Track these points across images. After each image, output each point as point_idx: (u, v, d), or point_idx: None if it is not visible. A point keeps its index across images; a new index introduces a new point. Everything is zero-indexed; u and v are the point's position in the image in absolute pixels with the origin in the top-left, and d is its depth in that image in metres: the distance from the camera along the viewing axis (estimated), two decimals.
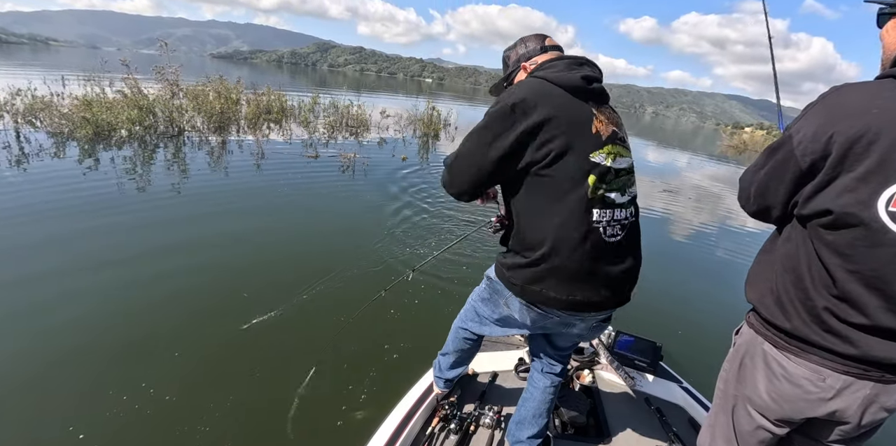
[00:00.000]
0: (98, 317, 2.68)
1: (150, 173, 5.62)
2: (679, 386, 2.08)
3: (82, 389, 2.14)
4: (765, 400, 1.03)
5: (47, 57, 39.48)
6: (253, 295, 3.05)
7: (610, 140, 1.14)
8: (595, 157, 1.11)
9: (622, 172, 1.17)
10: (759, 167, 1.03)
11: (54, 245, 3.45)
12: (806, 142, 0.89)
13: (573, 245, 1.11)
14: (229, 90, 10.52)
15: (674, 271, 4.69)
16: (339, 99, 12.84)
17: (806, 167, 0.90)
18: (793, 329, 0.96)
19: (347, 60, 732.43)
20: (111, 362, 2.33)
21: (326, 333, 2.73)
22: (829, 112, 0.88)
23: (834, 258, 0.88)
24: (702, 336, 3.39)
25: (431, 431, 1.65)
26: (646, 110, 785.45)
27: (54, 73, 12.69)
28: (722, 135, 38.48)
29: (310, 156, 7.53)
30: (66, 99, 7.93)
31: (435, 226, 4.85)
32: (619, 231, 1.17)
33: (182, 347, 2.47)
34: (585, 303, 1.18)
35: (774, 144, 1.00)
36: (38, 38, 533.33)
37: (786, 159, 0.94)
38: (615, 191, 1.14)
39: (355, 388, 2.33)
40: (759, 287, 1.06)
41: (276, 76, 39.41)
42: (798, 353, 0.96)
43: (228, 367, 2.38)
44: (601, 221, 1.12)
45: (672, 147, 22.89)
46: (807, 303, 0.93)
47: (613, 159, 1.14)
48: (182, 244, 3.71)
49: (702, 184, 10.94)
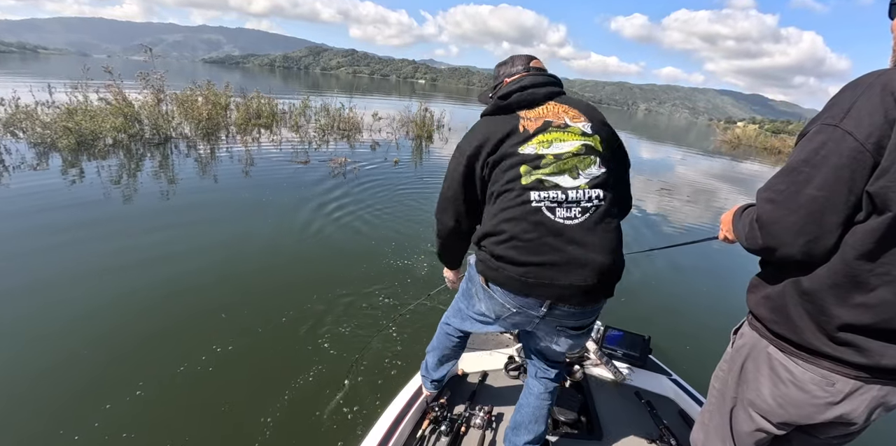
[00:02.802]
0: (72, 335, 2.53)
1: (130, 184, 5.46)
2: (668, 379, 2.09)
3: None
4: (769, 404, 1.00)
5: (36, 65, 39.11)
6: (231, 315, 2.92)
7: (540, 130, 1.21)
8: (524, 149, 1.19)
9: (565, 155, 1.18)
10: (801, 182, 0.85)
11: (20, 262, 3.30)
12: (874, 131, 0.77)
13: (522, 228, 1.15)
14: (217, 96, 10.37)
15: (662, 265, 4.62)
16: (330, 102, 12.68)
17: (880, 160, 0.78)
18: (801, 341, 0.93)
19: (340, 63, 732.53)
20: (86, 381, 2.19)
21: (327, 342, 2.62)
22: (885, 97, 0.78)
23: (867, 264, 0.82)
24: (691, 328, 3.43)
25: (422, 434, 1.64)
26: (639, 107, 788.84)
27: (41, 82, 12.50)
28: (715, 130, 38.56)
29: (299, 161, 7.37)
30: (50, 108, 7.75)
31: (424, 234, 4.73)
32: (579, 214, 1.15)
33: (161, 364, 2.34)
34: (540, 285, 1.15)
35: (810, 149, 0.85)
36: (26, 47, 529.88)
37: (853, 158, 0.79)
38: (558, 174, 1.17)
39: (346, 393, 2.29)
40: (762, 297, 1.01)
41: (268, 80, 39.27)
42: (807, 359, 0.93)
43: (213, 372, 2.26)
44: (542, 202, 1.15)
45: (666, 143, 22.83)
46: (820, 318, 0.88)
47: (547, 146, 1.19)
48: (154, 258, 3.55)
49: (697, 181, 10.85)
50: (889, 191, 0.76)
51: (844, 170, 0.80)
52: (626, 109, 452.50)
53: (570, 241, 1.14)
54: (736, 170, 14.85)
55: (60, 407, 2.05)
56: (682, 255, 4.85)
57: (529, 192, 1.16)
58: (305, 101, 12.55)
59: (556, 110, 1.26)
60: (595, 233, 1.15)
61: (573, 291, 1.15)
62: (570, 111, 1.26)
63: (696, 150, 20.53)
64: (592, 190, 1.17)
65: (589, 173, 1.19)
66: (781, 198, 0.88)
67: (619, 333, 2.24)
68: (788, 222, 0.86)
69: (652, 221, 6.41)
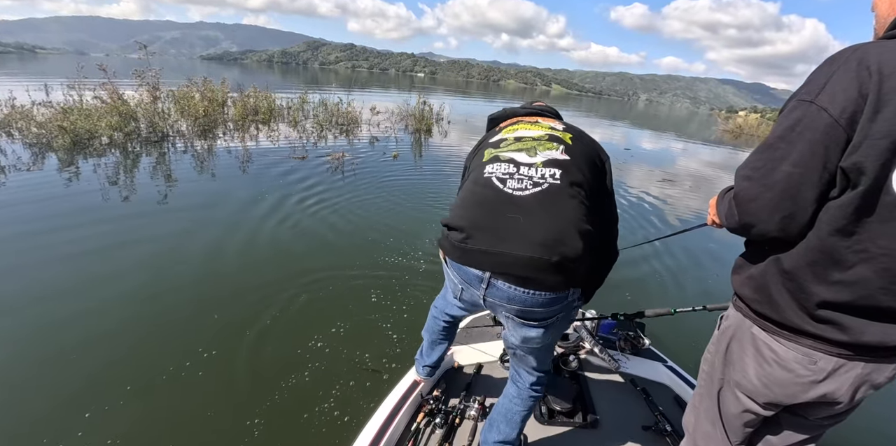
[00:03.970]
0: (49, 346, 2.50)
1: (124, 183, 5.43)
2: (664, 365, 2.10)
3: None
4: (754, 384, 1.00)
5: (34, 65, 38.96)
6: (223, 315, 2.89)
7: (510, 125, 1.31)
8: (492, 139, 1.29)
9: (526, 139, 1.22)
10: (777, 160, 0.86)
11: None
12: (849, 106, 0.78)
13: (470, 196, 1.17)
14: (214, 92, 10.30)
15: (658, 254, 4.59)
16: (329, 97, 12.59)
17: (853, 135, 0.78)
18: (783, 320, 0.93)
19: (338, 58, 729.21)
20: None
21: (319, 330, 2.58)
22: (860, 72, 0.78)
23: (843, 241, 0.83)
24: (685, 315, 3.35)
25: (417, 427, 1.64)
26: (639, 98, 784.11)
27: (37, 82, 12.45)
28: (717, 119, 38.28)
29: (297, 157, 7.30)
30: (46, 108, 7.70)
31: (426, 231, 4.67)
32: (530, 185, 1.11)
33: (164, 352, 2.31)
34: (475, 250, 1.09)
35: (786, 126, 0.86)
36: (24, 47, 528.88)
37: (827, 134, 0.80)
38: (516, 152, 1.18)
39: (341, 388, 2.28)
40: (746, 278, 1.02)
41: (266, 76, 39.10)
42: (789, 338, 0.94)
43: (200, 376, 2.23)
44: (494, 172, 1.16)
45: (668, 134, 22.66)
46: (799, 295, 0.89)
47: (511, 132, 1.26)
48: (142, 258, 3.52)
49: (699, 171, 10.76)
50: (861, 166, 0.77)
51: (819, 146, 0.81)
52: (627, 100, 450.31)
53: (517, 209, 1.07)
54: (738, 160, 14.72)
55: (42, 417, 1.99)
56: (677, 243, 4.85)
57: (485, 166, 1.19)
58: (303, 97, 12.46)
59: (533, 117, 1.34)
60: (545, 208, 1.07)
61: (510, 261, 1.05)
62: (549, 120, 1.34)
63: (697, 140, 20.36)
64: (547, 168, 1.13)
65: (547, 154, 1.16)
66: (758, 174, 0.88)
67: (613, 322, 2.24)
68: (765, 198, 0.87)
69: (654, 211, 6.35)
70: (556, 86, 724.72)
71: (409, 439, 1.59)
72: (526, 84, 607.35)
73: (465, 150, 9.36)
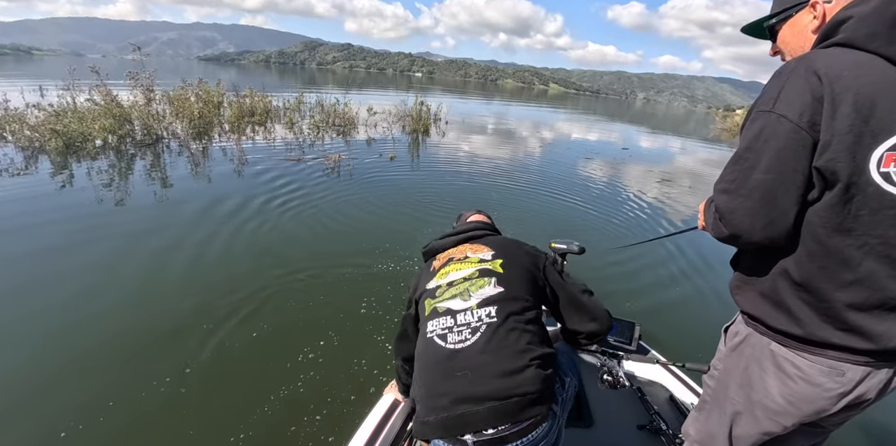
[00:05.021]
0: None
1: (118, 186, 5.37)
2: (658, 364, 2.07)
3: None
4: (779, 403, 0.97)
5: (30, 67, 38.82)
6: (211, 324, 2.83)
7: (443, 266, 1.32)
8: (429, 285, 1.28)
9: (457, 282, 1.23)
10: (748, 169, 0.89)
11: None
12: (806, 110, 0.82)
13: (422, 364, 1.14)
14: (209, 93, 10.24)
15: (652, 255, 4.55)
16: (326, 97, 12.53)
17: (817, 136, 0.82)
18: (807, 334, 0.90)
19: (336, 58, 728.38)
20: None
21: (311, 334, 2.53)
22: (809, 78, 0.83)
23: (845, 239, 0.84)
24: (680, 314, 3.46)
25: (408, 434, 1.59)
26: (637, 96, 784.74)
27: (32, 84, 12.37)
28: (714, 118, 38.30)
29: (292, 159, 7.25)
30: (39, 110, 7.63)
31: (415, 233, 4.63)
32: (469, 334, 1.11)
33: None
34: (446, 418, 1.03)
35: (751, 137, 0.90)
36: (20, 48, 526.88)
37: (791, 139, 0.84)
38: (451, 299, 1.19)
39: (335, 392, 2.23)
40: (755, 296, 0.99)
41: (263, 77, 38.98)
42: (812, 351, 0.91)
43: (186, 391, 2.17)
44: (435, 331, 1.15)
45: (665, 133, 22.65)
46: (819, 305, 0.88)
47: (444, 277, 1.27)
48: (135, 264, 3.47)
49: (697, 170, 10.71)
50: (835, 162, 0.80)
51: (786, 151, 0.84)
52: (625, 99, 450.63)
53: (464, 364, 1.07)
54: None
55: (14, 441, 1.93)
56: (674, 244, 4.84)
57: (427, 324, 1.18)
58: (300, 98, 12.40)
59: (463, 249, 1.37)
60: (488, 352, 1.07)
61: (477, 418, 1.01)
62: (477, 247, 1.36)
63: (695, 139, 20.34)
64: (483, 309, 1.15)
65: (481, 294, 1.18)
66: (733, 186, 0.91)
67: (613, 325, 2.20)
68: (745, 208, 0.89)
69: (652, 211, 6.33)
70: (553, 85, 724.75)
71: (404, 440, 1.57)
72: (524, 83, 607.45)
73: (464, 151, 9.29)
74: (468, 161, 8.57)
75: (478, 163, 8.41)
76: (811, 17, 0.97)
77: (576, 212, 5.97)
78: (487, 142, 11.56)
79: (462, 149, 9.96)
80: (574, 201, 6.46)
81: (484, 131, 14.06)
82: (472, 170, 7.77)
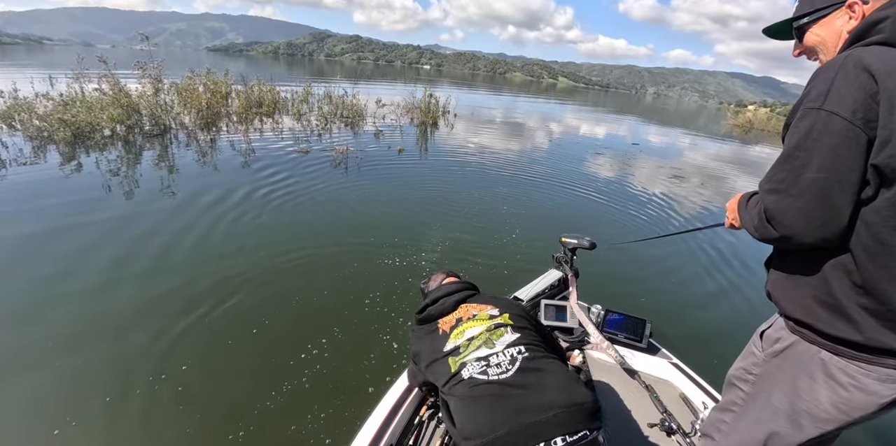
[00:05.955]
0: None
1: (127, 175, 5.36)
2: (669, 362, 2.06)
3: None
4: (829, 411, 0.95)
5: (41, 56, 39.03)
6: (212, 319, 2.80)
7: (453, 328, 1.36)
8: (446, 348, 1.31)
9: (477, 337, 1.29)
10: (799, 168, 0.85)
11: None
12: (859, 107, 0.79)
13: (467, 405, 1.13)
14: (217, 84, 10.20)
15: (666, 251, 4.47)
16: (334, 89, 12.45)
17: (872, 133, 0.79)
18: (867, 340, 0.87)
19: (344, 49, 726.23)
20: None
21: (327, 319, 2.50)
22: (860, 74, 0.80)
23: None
24: (692, 311, 3.40)
25: (420, 420, 1.61)
26: (647, 91, 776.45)
27: (42, 73, 12.40)
28: (726, 114, 37.79)
29: (300, 151, 7.21)
30: (47, 100, 7.64)
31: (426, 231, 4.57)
32: (509, 366, 1.17)
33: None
34: (515, 435, 1.03)
35: (800, 135, 0.86)
36: (31, 38, 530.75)
37: (845, 136, 0.80)
38: (477, 350, 1.24)
39: (345, 381, 2.27)
40: (806, 299, 0.95)
41: (271, 68, 38.94)
42: (868, 360, 0.89)
43: (208, 351, 2.16)
44: (472, 372, 1.18)
45: (676, 128, 22.37)
46: (880, 308, 0.84)
47: (461, 336, 1.32)
48: (138, 260, 3.45)
49: (708, 166, 10.55)
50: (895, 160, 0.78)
51: (840, 149, 0.81)
52: (635, 93, 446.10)
53: (514, 388, 1.11)
54: (749, 155, 14.48)
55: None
56: (688, 241, 4.76)
57: (461, 373, 1.21)
58: (308, 89, 12.34)
59: (466, 309, 1.43)
60: (535, 375, 1.14)
61: (551, 422, 1.02)
62: (477, 306, 1.43)
63: (706, 135, 20.07)
64: (511, 348, 1.23)
65: (503, 341, 1.26)
66: (783, 186, 0.88)
67: (619, 317, 2.21)
68: (797, 208, 0.85)
69: (663, 207, 6.22)
70: (562, 78, 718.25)
71: (412, 432, 1.57)
72: (532, 77, 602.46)
73: (473, 144, 9.20)
74: (477, 154, 8.49)
75: (487, 157, 8.33)
76: (847, 18, 0.95)
77: (586, 206, 5.90)
78: (496, 135, 11.46)
79: (471, 141, 9.87)
80: (585, 194, 6.40)
81: (492, 124, 13.94)
82: (481, 164, 7.69)
